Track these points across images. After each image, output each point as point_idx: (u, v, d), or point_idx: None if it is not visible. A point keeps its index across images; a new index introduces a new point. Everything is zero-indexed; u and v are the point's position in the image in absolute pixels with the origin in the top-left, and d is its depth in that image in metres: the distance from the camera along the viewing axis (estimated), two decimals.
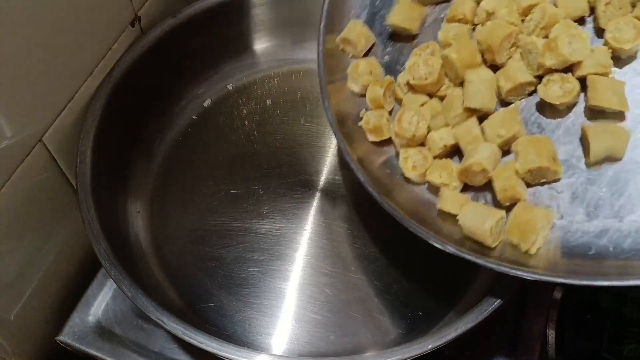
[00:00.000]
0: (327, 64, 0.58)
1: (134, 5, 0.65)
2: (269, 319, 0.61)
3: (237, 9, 0.73)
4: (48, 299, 0.63)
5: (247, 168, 0.70)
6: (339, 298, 0.62)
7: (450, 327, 0.52)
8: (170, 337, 0.61)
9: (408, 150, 0.54)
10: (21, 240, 0.57)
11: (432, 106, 0.55)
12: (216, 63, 0.76)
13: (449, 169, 0.52)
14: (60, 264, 0.64)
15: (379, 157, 0.57)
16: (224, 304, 0.61)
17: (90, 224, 0.57)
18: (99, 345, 0.61)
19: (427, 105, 0.55)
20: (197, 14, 0.71)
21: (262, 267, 0.64)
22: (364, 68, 0.58)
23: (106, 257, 0.55)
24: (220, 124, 0.74)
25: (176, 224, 0.66)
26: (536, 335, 0.62)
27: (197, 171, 0.70)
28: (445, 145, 0.52)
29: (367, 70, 0.58)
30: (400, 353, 0.51)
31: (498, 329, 0.62)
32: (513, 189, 0.47)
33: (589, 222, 0.47)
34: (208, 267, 0.63)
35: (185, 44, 0.71)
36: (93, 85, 0.62)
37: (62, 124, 0.59)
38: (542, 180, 0.49)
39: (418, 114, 0.53)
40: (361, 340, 0.60)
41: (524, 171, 0.47)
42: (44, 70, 0.54)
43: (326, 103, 0.57)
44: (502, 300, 0.52)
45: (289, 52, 0.78)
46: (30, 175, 0.56)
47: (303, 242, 0.65)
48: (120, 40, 0.65)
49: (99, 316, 0.63)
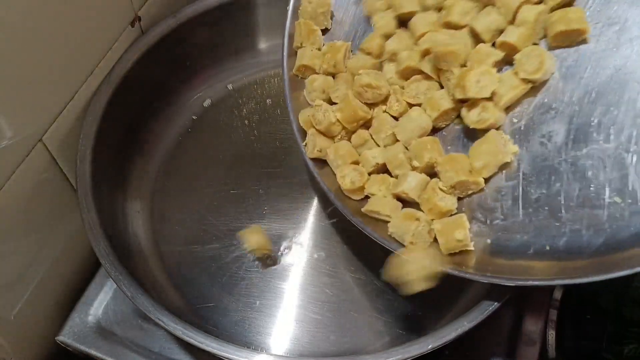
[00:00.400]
0: (292, 80, 0.62)
1: (134, 5, 0.65)
2: (269, 319, 0.61)
3: (237, 9, 0.73)
4: (48, 299, 0.63)
5: (247, 168, 0.70)
6: (339, 298, 0.62)
7: (450, 327, 0.52)
8: (170, 337, 0.61)
9: (344, 169, 0.56)
10: (21, 240, 0.57)
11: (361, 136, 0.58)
12: (216, 63, 0.76)
13: (387, 183, 0.55)
14: (60, 264, 0.64)
15: None
16: (224, 304, 0.61)
17: (90, 224, 0.57)
18: (99, 345, 0.61)
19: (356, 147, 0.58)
20: (197, 14, 0.71)
21: (262, 267, 0.64)
22: (319, 84, 0.60)
23: (106, 257, 0.55)
24: (220, 124, 0.74)
25: (176, 224, 0.66)
26: (536, 335, 0.62)
27: (197, 171, 0.70)
28: (377, 163, 0.56)
29: (321, 88, 0.60)
30: (400, 353, 0.51)
31: (498, 329, 0.62)
32: (437, 207, 0.51)
33: (529, 223, 0.49)
34: (208, 267, 0.63)
35: (185, 43, 0.71)
36: (93, 85, 0.62)
37: (62, 124, 0.59)
38: (469, 192, 0.52)
39: (356, 171, 0.56)
40: (361, 340, 0.60)
41: (448, 188, 0.51)
42: (44, 71, 0.54)
43: (291, 112, 0.61)
44: (502, 301, 0.52)
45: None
46: (30, 175, 0.56)
47: (303, 242, 0.65)
48: (120, 40, 0.65)
49: (98, 316, 0.63)
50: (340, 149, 0.56)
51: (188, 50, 0.73)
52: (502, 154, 0.50)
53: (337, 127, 0.57)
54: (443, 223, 0.51)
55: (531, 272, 0.48)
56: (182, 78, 0.74)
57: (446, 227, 0.51)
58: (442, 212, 0.52)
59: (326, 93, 0.60)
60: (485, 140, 0.51)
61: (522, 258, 0.49)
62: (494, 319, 0.62)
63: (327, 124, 0.56)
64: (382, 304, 0.61)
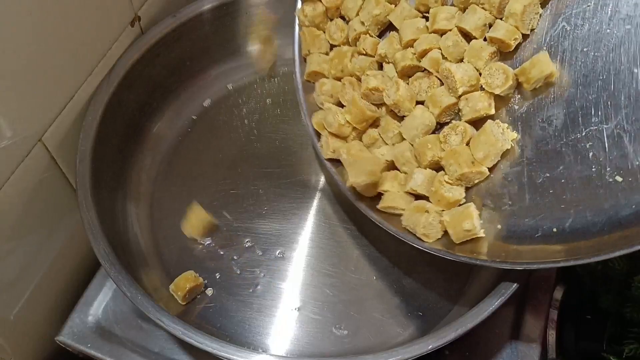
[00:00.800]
0: (304, 85, 0.64)
1: (134, 5, 0.65)
2: (269, 319, 0.61)
3: (237, 8, 0.73)
4: (48, 299, 0.64)
5: (247, 168, 0.70)
6: (339, 298, 0.62)
7: (450, 327, 0.52)
8: (170, 337, 0.61)
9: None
10: (21, 240, 0.57)
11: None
12: (216, 63, 0.76)
13: (399, 179, 0.57)
14: (60, 264, 0.64)
15: None
16: (224, 304, 0.61)
17: (90, 224, 0.57)
18: (99, 345, 0.61)
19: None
20: (197, 14, 0.71)
21: (262, 267, 0.64)
22: (327, 89, 0.62)
23: (106, 257, 0.55)
24: (220, 123, 0.74)
25: (176, 224, 0.66)
26: (536, 335, 0.62)
27: (197, 171, 0.70)
28: (386, 160, 0.58)
29: (329, 92, 0.61)
30: (400, 353, 0.51)
31: (498, 329, 0.62)
32: (445, 198, 0.53)
33: (535, 206, 0.51)
34: (208, 267, 0.63)
35: (185, 43, 0.71)
36: (93, 85, 0.62)
37: (62, 124, 0.59)
38: (475, 182, 0.54)
39: None
40: (361, 340, 0.60)
41: (453, 180, 0.53)
42: (44, 70, 0.54)
43: (305, 115, 0.63)
44: (502, 301, 0.52)
45: (289, 52, 0.78)
46: (30, 175, 0.56)
47: (303, 242, 0.65)
48: (120, 40, 0.65)
49: (98, 316, 0.63)
50: (352, 149, 0.58)
51: (188, 50, 0.73)
52: (502, 142, 0.51)
53: (347, 128, 0.59)
54: (451, 214, 0.52)
55: (539, 255, 0.49)
56: (182, 78, 0.74)
57: (454, 219, 0.52)
58: (450, 202, 0.53)
59: (334, 97, 0.61)
60: (483, 131, 0.52)
61: (531, 242, 0.50)
62: (494, 319, 0.63)
63: (337, 125, 0.58)
64: (382, 304, 0.61)
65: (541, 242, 0.50)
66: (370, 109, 0.57)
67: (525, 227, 0.51)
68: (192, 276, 0.60)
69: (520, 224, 0.51)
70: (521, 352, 0.61)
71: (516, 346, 0.62)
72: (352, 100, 0.58)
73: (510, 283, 0.53)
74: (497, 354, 0.61)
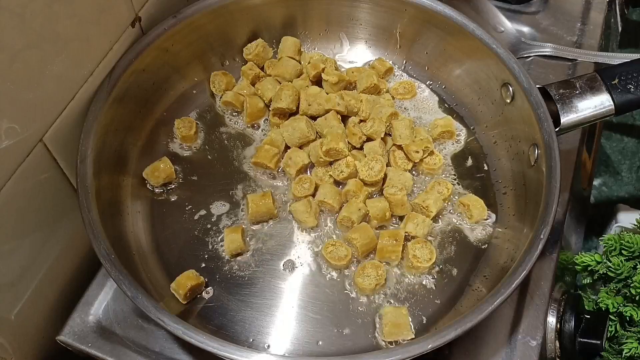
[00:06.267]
0: None
1: (134, 5, 0.65)
2: (269, 319, 0.61)
3: (237, 9, 0.73)
4: (48, 298, 0.64)
5: (247, 168, 0.70)
6: (339, 298, 0.62)
7: (450, 327, 0.52)
8: (170, 337, 0.61)
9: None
10: (21, 240, 0.58)
11: None
12: (217, 63, 0.76)
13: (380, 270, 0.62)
14: (60, 264, 0.64)
15: None
16: (224, 304, 0.61)
17: (91, 224, 0.57)
18: (99, 345, 0.61)
19: None
20: (197, 14, 0.71)
21: (262, 267, 0.64)
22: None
23: (106, 257, 0.55)
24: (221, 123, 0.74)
25: (176, 224, 0.66)
26: (536, 334, 0.62)
27: (197, 171, 0.70)
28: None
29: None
30: (400, 353, 0.51)
31: (498, 329, 0.62)
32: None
33: None
34: (208, 267, 0.63)
35: (185, 44, 0.71)
36: (93, 85, 0.62)
37: (63, 124, 0.59)
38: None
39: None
40: (361, 340, 0.60)
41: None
42: (45, 71, 0.54)
43: None
44: (502, 301, 0.53)
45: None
46: (30, 175, 0.56)
47: (303, 242, 0.65)
48: (121, 41, 0.65)
49: (99, 316, 0.63)
50: None
51: (188, 50, 0.72)
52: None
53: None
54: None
55: None
56: (182, 78, 0.74)
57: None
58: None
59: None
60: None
61: None
62: (494, 319, 0.63)
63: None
64: (382, 305, 0.61)
65: None
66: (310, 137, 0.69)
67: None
68: (193, 275, 0.61)
69: None
70: (521, 351, 0.62)
71: (516, 345, 0.62)
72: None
73: (510, 283, 0.53)
74: (497, 353, 0.62)
